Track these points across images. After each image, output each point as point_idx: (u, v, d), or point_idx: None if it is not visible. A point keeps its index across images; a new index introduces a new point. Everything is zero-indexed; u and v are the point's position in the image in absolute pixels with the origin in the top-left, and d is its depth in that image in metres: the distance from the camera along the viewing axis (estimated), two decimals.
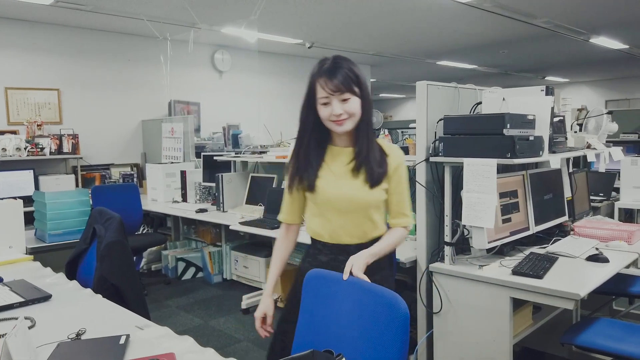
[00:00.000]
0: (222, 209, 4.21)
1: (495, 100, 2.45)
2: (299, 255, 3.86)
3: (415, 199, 2.59)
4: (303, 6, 5.11)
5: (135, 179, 5.69)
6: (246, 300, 3.76)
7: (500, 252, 2.34)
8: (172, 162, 5.23)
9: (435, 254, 2.40)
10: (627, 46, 7.77)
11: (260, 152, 4.33)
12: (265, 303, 1.70)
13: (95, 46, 5.75)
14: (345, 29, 6.31)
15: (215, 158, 4.49)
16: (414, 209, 2.75)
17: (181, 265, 4.60)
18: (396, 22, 6.02)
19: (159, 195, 4.92)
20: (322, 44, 6.97)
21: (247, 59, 7.15)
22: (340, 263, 1.51)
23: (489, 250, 2.32)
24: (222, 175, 4.22)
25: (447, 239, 2.30)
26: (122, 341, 1.43)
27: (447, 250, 2.30)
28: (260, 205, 4.02)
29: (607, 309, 3.11)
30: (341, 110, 1.48)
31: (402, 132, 3.56)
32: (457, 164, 2.24)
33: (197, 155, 5.21)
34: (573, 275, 2.10)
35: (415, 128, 3.45)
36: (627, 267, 2.38)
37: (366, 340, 1.29)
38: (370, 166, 1.53)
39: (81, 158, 5.37)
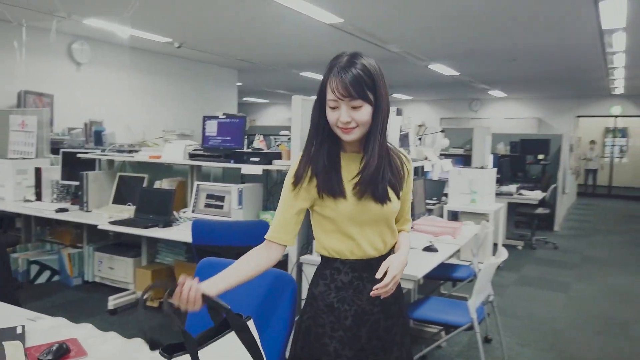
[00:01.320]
0: (86, 208, 4.06)
1: None
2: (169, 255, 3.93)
3: None
4: (174, 5, 5.14)
5: None
6: (113, 301, 3.70)
7: None
8: (23, 158, 4.82)
9: (305, 247, 2.74)
10: (458, 73, 9.19)
11: (130, 151, 4.27)
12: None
13: None
14: (216, 33, 6.45)
15: (78, 156, 4.29)
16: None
17: (34, 269, 4.29)
18: (266, 33, 6.35)
19: (8, 194, 4.51)
20: (191, 44, 6.99)
21: (111, 53, 6.84)
22: (365, 281, 1.41)
23: None
24: (87, 174, 4.07)
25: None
26: (19, 331, 1.48)
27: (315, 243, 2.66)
28: (130, 205, 3.99)
29: (436, 292, 3.80)
30: (349, 119, 1.31)
31: (274, 138, 3.85)
32: None
33: (53, 151, 4.89)
34: (412, 262, 2.60)
35: (285, 135, 3.80)
36: (452, 256, 3.01)
37: (263, 309, 1.56)
38: (386, 175, 1.40)
39: None
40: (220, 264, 1.80)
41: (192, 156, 3.74)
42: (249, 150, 3.44)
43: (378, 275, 1.32)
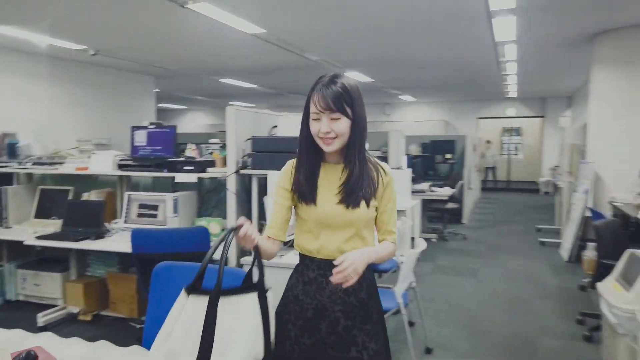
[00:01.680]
0: (6, 224, 3.88)
1: (288, 123, 3.11)
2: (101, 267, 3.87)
3: (226, 204, 3.07)
4: (89, 12, 5.03)
5: None
6: (43, 318, 3.60)
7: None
8: None
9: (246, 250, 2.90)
10: (372, 80, 9.73)
11: (51, 164, 4.14)
12: None
13: None
14: (132, 40, 6.35)
15: None
16: (224, 215, 3.22)
17: None
18: (185, 41, 6.36)
19: None
20: (107, 52, 6.80)
21: (23, 61, 6.47)
22: (328, 279, 1.50)
23: (286, 243, 2.93)
24: (6, 189, 3.90)
25: None
26: None
27: None
28: (55, 219, 3.88)
29: None
30: (329, 129, 1.47)
31: (205, 146, 3.94)
32: (262, 175, 2.80)
33: None
34: None
35: (216, 143, 3.92)
36: None
37: None
38: (361, 185, 1.53)
39: None
40: (175, 266, 1.94)
41: (121, 166, 3.74)
42: (182, 159, 3.52)
43: (336, 263, 1.42)
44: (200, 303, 1.39)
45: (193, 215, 3.58)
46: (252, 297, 1.49)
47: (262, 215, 2.83)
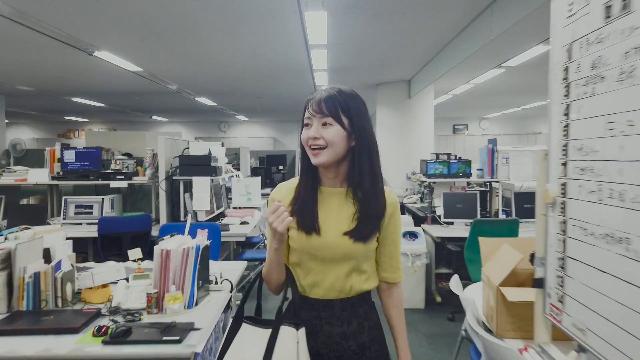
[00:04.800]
0: None
1: (197, 146, 4.79)
2: None
3: (147, 202, 4.60)
4: None
5: None
6: None
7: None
8: None
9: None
10: (215, 104, 11.49)
11: None
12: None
13: None
14: None
15: None
16: (148, 210, 4.71)
17: None
18: (33, 62, 7.26)
19: None
20: None
21: None
22: (323, 322, 1.35)
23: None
24: None
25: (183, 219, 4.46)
26: None
27: None
28: None
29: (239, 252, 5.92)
30: (317, 135, 1.29)
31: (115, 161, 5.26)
32: (187, 180, 4.45)
33: None
34: (234, 230, 4.68)
35: (130, 159, 5.31)
36: (254, 228, 5.17)
37: None
38: (369, 214, 1.34)
39: None
40: (175, 225, 3.56)
41: (54, 178, 4.90)
42: (112, 170, 4.87)
43: None
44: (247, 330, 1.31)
45: (121, 210, 4.96)
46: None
47: (185, 208, 4.44)
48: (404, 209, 6.24)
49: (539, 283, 1.39)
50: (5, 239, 2.35)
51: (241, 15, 4.45)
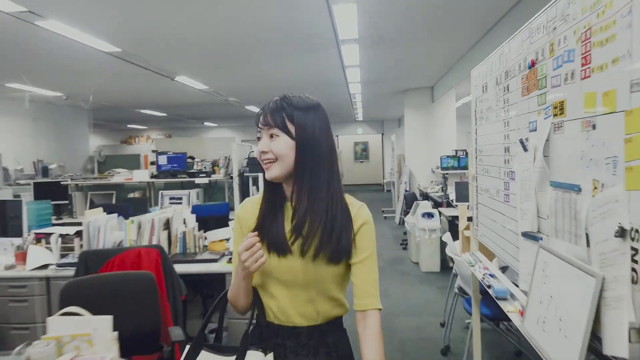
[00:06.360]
0: (76, 217, 6.23)
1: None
2: None
3: (223, 194, 6.03)
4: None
5: None
6: None
7: None
8: None
9: None
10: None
11: (94, 178, 6.57)
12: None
13: None
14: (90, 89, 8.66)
15: (62, 183, 6.38)
16: (223, 199, 6.15)
17: None
18: (126, 85, 8.85)
19: None
20: (75, 96, 8.94)
21: (5, 105, 8.33)
22: (288, 351, 1.26)
23: None
24: (75, 194, 6.26)
25: None
26: None
27: None
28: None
29: None
30: (266, 148, 1.20)
31: (197, 162, 6.72)
32: (255, 176, 5.84)
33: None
34: None
35: (206, 162, 6.75)
36: None
37: None
38: (315, 229, 1.19)
39: None
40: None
41: (153, 176, 6.41)
42: (195, 170, 6.35)
43: None
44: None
45: (203, 201, 6.42)
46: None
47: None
48: (426, 197, 7.48)
49: (470, 219, 2.66)
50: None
51: (289, 46, 5.81)
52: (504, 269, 2.43)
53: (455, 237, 6.41)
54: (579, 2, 1.24)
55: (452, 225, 5.89)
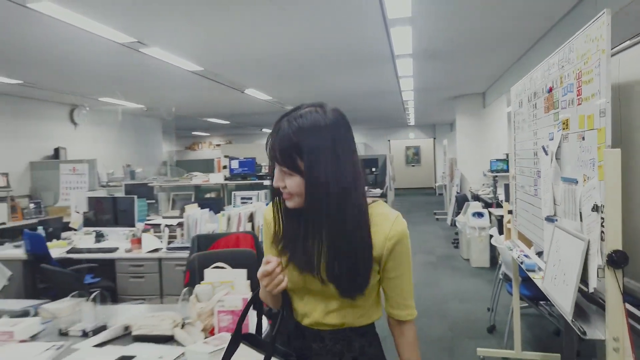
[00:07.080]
0: (160, 213, 7.14)
1: None
2: None
3: None
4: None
5: None
6: None
7: None
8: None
9: None
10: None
11: (175, 180, 7.45)
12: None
13: None
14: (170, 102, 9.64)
15: (149, 185, 7.32)
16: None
17: None
18: (201, 98, 9.76)
19: None
20: (154, 109, 10.00)
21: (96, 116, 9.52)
22: (313, 353, 1.27)
23: None
24: (159, 194, 7.17)
25: None
26: None
27: None
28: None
29: None
30: (282, 183, 1.17)
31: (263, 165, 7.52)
32: None
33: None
34: None
35: None
36: None
37: None
38: (333, 262, 1.17)
39: None
40: None
41: (226, 179, 7.22)
42: (263, 173, 7.09)
43: None
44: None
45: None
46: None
47: None
48: (477, 198, 7.86)
49: (510, 212, 3.17)
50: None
51: (349, 63, 6.43)
52: (539, 254, 2.92)
53: (501, 232, 6.80)
54: (574, 51, 1.78)
55: (501, 224, 6.28)
